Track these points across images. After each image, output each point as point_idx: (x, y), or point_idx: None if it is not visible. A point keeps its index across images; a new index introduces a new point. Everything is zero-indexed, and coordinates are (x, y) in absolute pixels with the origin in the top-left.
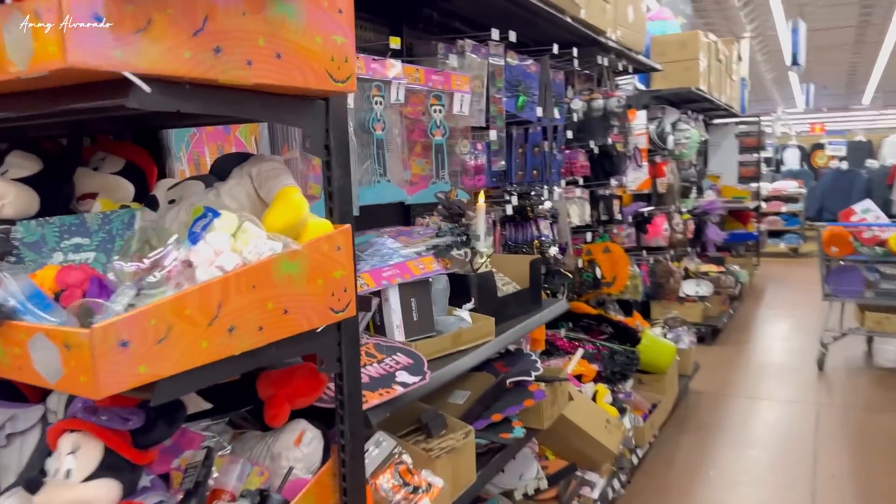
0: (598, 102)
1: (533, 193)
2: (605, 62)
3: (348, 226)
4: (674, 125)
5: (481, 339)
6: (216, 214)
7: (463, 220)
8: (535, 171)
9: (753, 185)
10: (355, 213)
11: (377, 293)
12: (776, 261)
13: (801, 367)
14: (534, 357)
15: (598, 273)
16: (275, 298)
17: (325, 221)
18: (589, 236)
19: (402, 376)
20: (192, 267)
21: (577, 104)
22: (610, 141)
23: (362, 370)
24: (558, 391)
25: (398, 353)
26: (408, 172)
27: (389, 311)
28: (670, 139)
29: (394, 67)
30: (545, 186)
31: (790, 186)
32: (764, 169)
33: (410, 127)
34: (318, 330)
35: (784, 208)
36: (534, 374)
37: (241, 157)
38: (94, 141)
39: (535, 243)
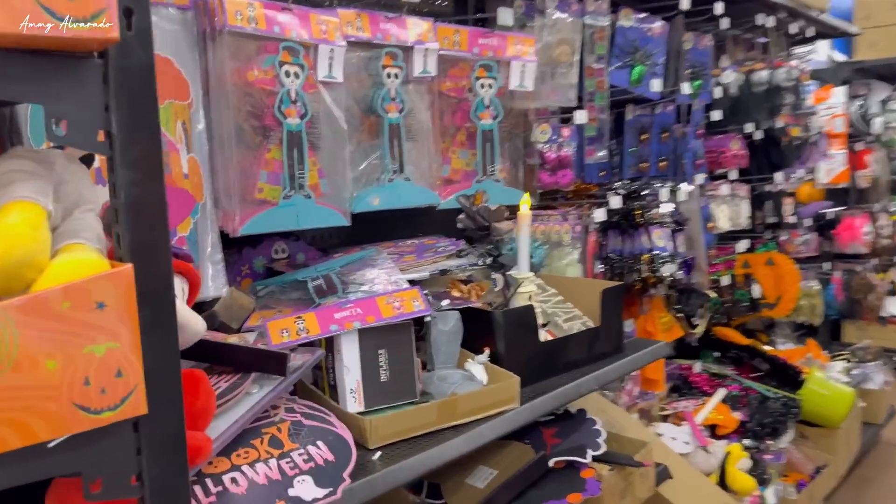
0: (761, 75)
1: (646, 192)
2: (771, 23)
3: (127, 267)
4: (883, 104)
5: (493, 407)
6: None
7: (491, 234)
8: (662, 162)
9: None
10: (346, 223)
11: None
12: None
13: None
14: (597, 426)
15: (757, 291)
16: None
17: (95, 259)
18: (742, 245)
19: (302, 487)
20: None
21: (730, 76)
22: (780, 123)
23: (246, 472)
24: (634, 476)
25: (318, 443)
26: (446, 168)
27: (342, 370)
28: (877, 122)
29: (416, 27)
30: (666, 183)
31: None
32: None
33: (451, 108)
34: (51, 445)
35: None
36: (590, 453)
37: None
38: None
39: (645, 258)
